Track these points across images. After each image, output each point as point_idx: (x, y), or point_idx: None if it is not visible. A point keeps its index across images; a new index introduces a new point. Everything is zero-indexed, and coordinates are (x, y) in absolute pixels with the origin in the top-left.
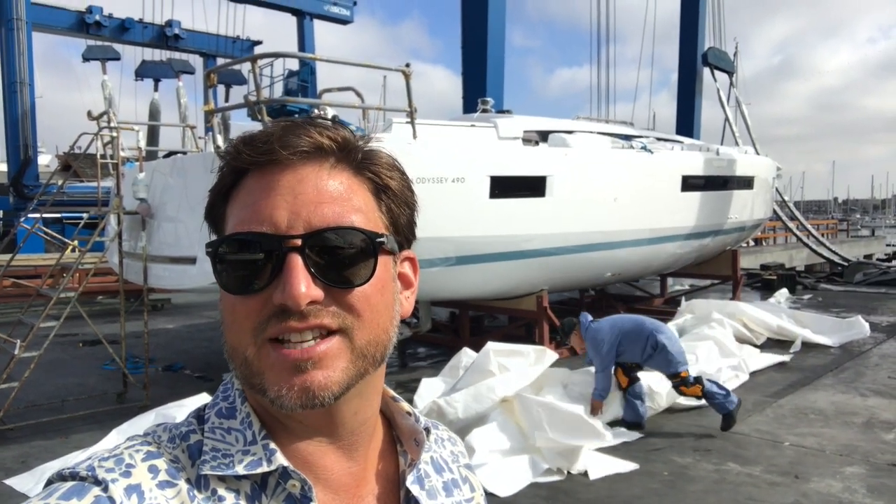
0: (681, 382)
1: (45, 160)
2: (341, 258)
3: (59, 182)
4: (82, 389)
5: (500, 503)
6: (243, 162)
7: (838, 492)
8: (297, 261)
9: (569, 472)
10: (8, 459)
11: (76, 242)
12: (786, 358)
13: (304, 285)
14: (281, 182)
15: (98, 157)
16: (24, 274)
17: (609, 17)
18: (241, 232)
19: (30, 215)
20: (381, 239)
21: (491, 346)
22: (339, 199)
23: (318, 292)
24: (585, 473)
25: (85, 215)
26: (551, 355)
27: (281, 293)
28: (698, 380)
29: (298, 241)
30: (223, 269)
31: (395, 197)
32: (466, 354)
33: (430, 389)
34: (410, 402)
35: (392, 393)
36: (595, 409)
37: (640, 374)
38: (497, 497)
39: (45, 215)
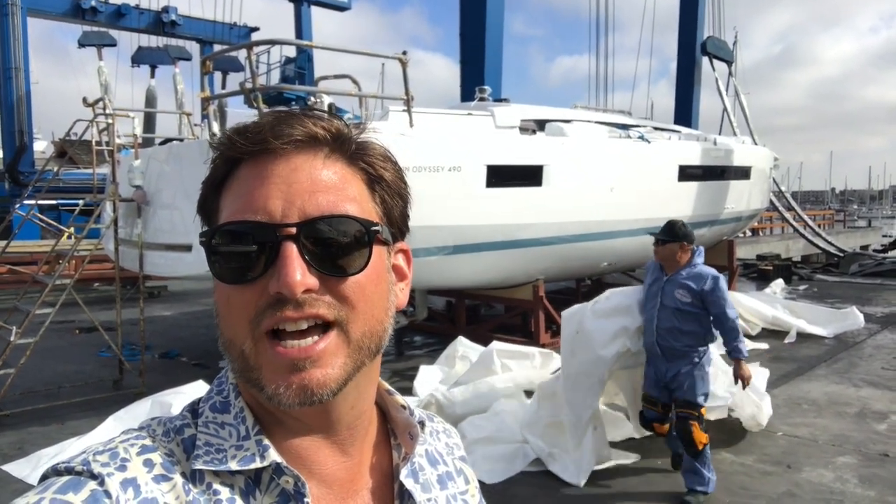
0: (697, 419)
1: (41, 146)
2: (336, 247)
3: (55, 169)
4: (79, 376)
5: (495, 492)
6: (236, 152)
7: (830, 481)
8: (291, 249)
9: None
10: (4, 445)
11: (72, 229)
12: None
13: (299, 273)
14: (275, 171)
15: (93, 143)
16: (20, 261)
17: (609, 5)
18: (236, 221)
19: (25, 202)
20: (376, 227)
21: (495, 346)
22: (333, 188)
23: (313, 281)
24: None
25: (81, 202)
26: (557, 361)
27: (276, 282)
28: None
29: (293, 230)
30: (217, 259)
31: (389, 188)
32: (462, 343)
33: (428, 377)
34: (410, 389)
35: (387, 386)
36: (746, 376)
37: None
38: (485, 485)
39: (41, 202)
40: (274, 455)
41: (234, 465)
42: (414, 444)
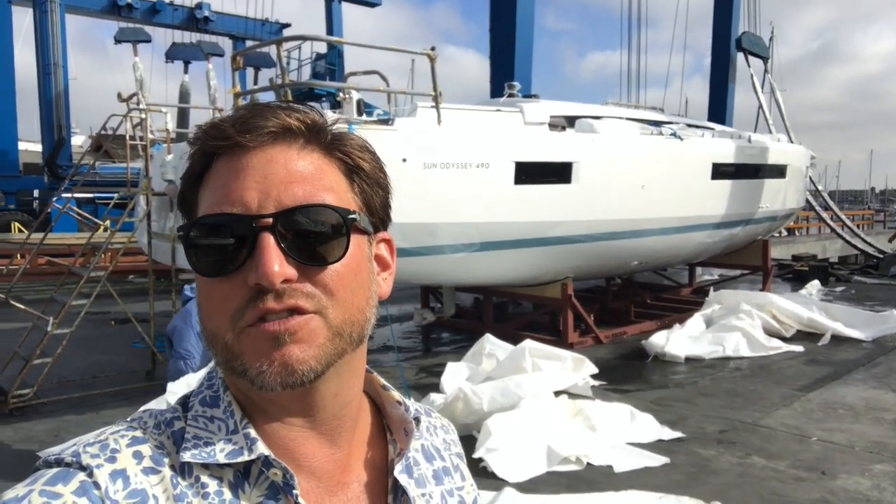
0: None
1: (79, 141)
2: (314, 236)
3: (91, 162)
4: (113, 366)
5: (520, 489)
6: (212, 145)
7: (866, 490)
8: (269, 240)
9: (589, 463)
10: (41, 433)
11: (107, 222)
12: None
13: (277, 264)
14: (250, 164)
15: (127, 138)
16: (58, 252)
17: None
18: (213, 213)
19: (63, 195)
20: (353, 216)
21: (528, 345)
22: (309, 178)
23: (291, 271)
24: (609, 466)
25: (116, 195)
26: (589, 367)
27: (255, 273)
28: None
29: (270, 220)
30: (196, 252)
31: (368, 178)
32: (489, 341)
33: (455, 373)
34: (437, 385)
35: (382, 381)
36: None
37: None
38: (507, 482)
39: (77, 195)
40: (262, 448)
41: (221, 458)
42: (408, 440)
